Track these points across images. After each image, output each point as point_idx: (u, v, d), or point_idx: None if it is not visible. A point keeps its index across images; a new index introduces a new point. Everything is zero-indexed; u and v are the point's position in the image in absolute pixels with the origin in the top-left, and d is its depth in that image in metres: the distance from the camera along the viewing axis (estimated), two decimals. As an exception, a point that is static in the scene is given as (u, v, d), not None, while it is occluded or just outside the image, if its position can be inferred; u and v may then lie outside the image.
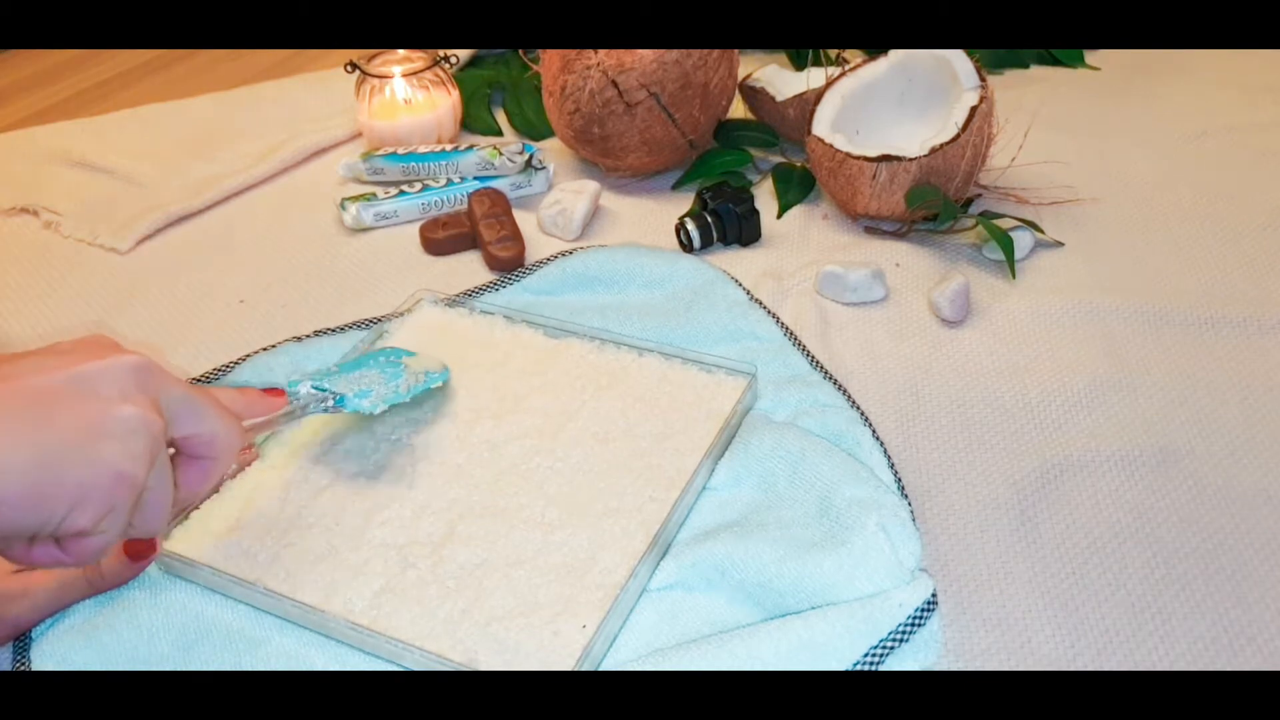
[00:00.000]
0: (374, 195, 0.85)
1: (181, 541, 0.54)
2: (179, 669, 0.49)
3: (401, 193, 0.85)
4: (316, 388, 0.57)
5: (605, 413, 0.61)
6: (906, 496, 0.55)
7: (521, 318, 0.68)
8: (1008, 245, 0.73)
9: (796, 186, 0.85)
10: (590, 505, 0.55)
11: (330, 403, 0.57)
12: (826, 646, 0.47)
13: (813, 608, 0.49)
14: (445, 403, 0.62)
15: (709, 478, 0.57)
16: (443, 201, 0.85)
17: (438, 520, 0.55)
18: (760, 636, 0.47)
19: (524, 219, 0.83)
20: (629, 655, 0.49)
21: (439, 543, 0.53)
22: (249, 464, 0.59)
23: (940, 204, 0.75)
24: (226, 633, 0.50)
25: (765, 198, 0.85)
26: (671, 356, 0.64)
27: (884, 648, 0.47)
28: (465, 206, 0.83)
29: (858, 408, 0.61)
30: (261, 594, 0.51)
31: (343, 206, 0.84)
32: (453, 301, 0.71)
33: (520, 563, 0.52)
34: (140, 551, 0.52)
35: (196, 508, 0.56)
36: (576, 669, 0.47)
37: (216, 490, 0.57)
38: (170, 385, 0.43)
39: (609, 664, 0.49)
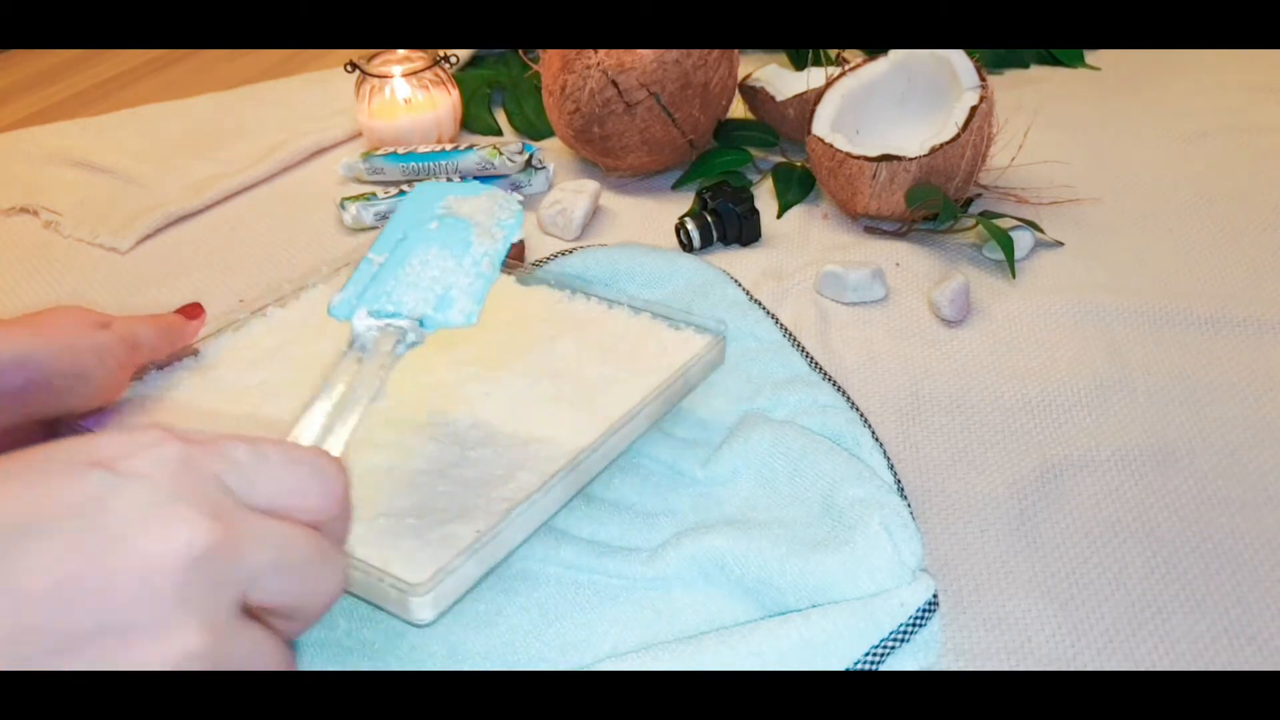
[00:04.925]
0: (374, 195, 0.85)
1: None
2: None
3: (401, 192, 0.85)
4: (378, 313, 0.43)
5: (558, 354, 0.58)
6: (906, 498, 0.55)
7: None
8: (1008, 245, 0.73)
9: (796, 186, 0.85)
10: (519, 430, 0.52)
11: (411, 334, 0.43)
12: (828, 645, 0.47)
13: (813, 605, 0.49)
14: None
15: (652, 422, 0.55)
16: (443, 201, 0.85)
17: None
18: (761, 634, 0.47)
19: (524, 219, 0.83)
20: (627, 649, 0.49)
21: (351, 442, 0.52)
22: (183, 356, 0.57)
23: (940, 204, 0.75)
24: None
25: (765, 197, 0.85)
26: (641, 310, 0.62)
27: (885, 647, 0.47)
28: (465, 206, 0.83)
29: (857, 408, 0.61)
30: None
31: (342, 206, 0.84)
32: None
33: (430, 472, 0.50)
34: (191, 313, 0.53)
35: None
36: (454, 568, 0.43)
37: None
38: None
39: (607, 662, 0.48)
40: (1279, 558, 0.53)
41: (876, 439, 0.58)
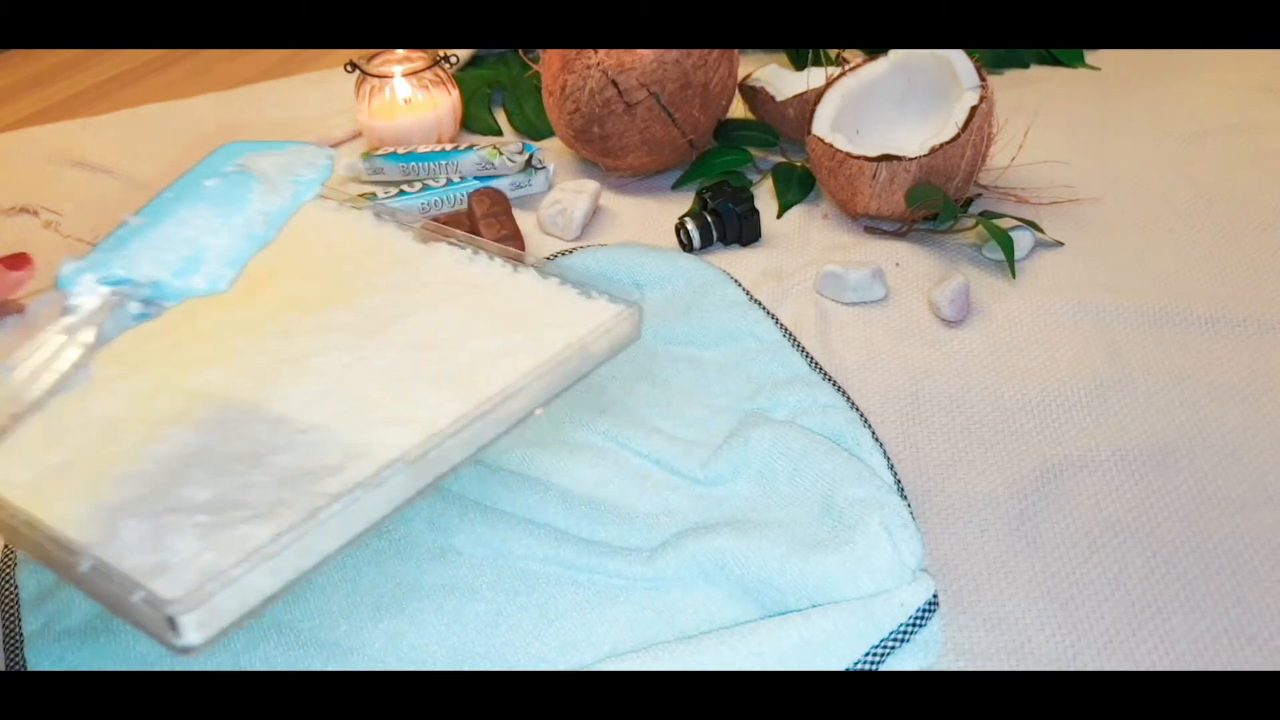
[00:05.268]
0: (374, 195, 0.84)
1: None
2: (173, 669, 0.49)
3: (401, 192, 0.85)
4: (107, 280, 0.37)
5: (442, 321, 0.50)
6: (906, 498, 0.55)
7: (393, 217, 0.59)
8: (1008, 245, 0.73)
9: (796, 186, 0.85)
10: (370, 411, 0.44)
11: (136, 305, 0.37)
12: (828, 645, 0.47)
13: (814, 605, 0.49)
14: (255, 284, 0.50)
15: (538, 403, 0.47)
16: (442, 201, 0.85)
17: (176, 399, 0.45)
18: (761, 634, 0.47)
19: (524, 219, 0.83)
20: (627, 649, 0.49)
21: (160, 421, 0.44)
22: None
23: (940, 204, 0.75)
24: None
25: (765, 197, 0.85)
26: (550, 275, 0.54)
27: (885, 647, 0.47)
28: (465, 206, 0.83)
29: (857, 409, 0.61)
30: None
31: (342, 206, 0.84)
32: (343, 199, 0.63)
33: (246, 458, 0.42)
34: (15, 263, 0.45)
35: None
36: (234, 579, 0.36)
37: None
38: None
39: (607, 662, 0.48)
40: (1279, 558, 0.53)
41: (876, 439, 0.58)
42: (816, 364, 0.65)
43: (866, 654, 0.47)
